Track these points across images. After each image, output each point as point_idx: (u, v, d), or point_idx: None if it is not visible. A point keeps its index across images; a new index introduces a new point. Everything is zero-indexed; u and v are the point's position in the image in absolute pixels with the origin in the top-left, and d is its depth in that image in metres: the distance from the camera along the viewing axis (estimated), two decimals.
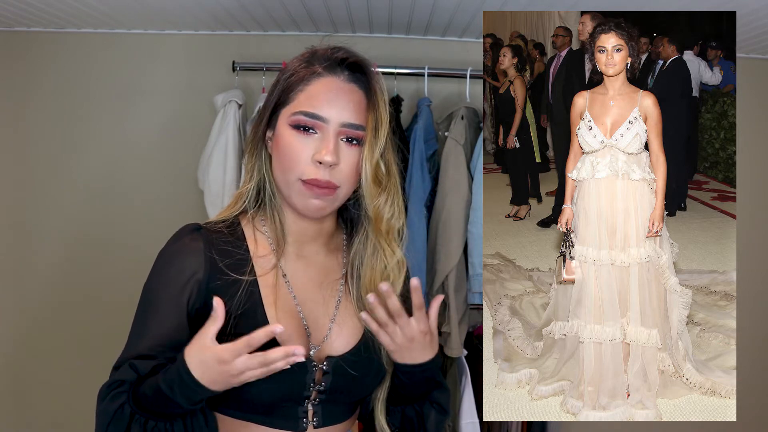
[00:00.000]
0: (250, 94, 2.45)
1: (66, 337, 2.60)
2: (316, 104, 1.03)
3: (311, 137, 1.03)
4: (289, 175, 1.04)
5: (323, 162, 1.01)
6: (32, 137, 2.61)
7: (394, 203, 1.09)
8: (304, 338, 1.07)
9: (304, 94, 1.04)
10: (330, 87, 1.04)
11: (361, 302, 1.12)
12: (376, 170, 1.05)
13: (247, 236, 1.09)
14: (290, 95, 1.05)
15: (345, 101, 1.04)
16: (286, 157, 1.04)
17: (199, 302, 1.02)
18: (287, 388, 1.03)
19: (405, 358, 1.06)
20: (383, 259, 1.11)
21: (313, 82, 1.04)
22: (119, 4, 2.25)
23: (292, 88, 1.05)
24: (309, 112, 1.03)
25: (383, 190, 1.08)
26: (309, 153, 1.02)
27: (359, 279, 1.13)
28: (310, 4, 2.20)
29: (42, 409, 2.61)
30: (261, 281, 1.06)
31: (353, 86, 1.06)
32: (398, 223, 1.11)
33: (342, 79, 1.05)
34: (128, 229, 2.60)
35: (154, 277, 1.05)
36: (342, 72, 1.05)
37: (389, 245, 1.10)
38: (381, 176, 1.07)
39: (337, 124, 1.03)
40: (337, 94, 1.04)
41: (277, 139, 1.06)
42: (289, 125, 1.04)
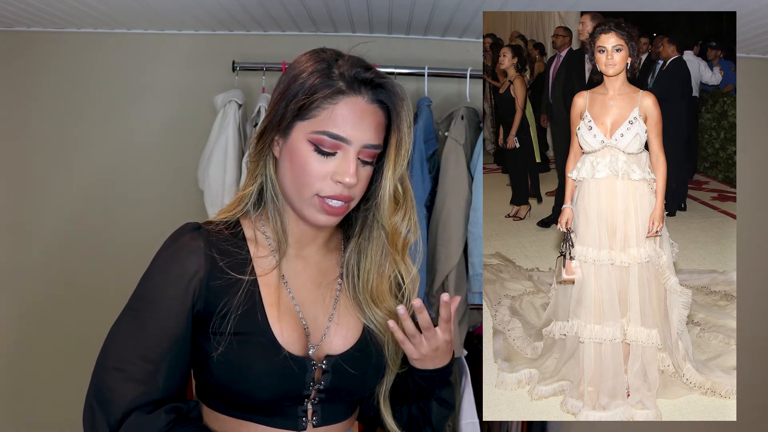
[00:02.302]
0: (250, 94, 2.45)
1: (66, 336, 2.60)
2: (341, 126, 1.01)
3: (331, 158, 1.03)
4: (304, 190, 1.04)
5: (345, 184, 1.02)
6: (32, 137, 2.60)
7: (410, 219, 1.13)
8: (303, 338, 1.07)
9: (328, 112, 1.02)
10: (355, 109, 1.02)
11: (357, 300, 1.13)
12: (395, 188, 1.08)
13: (248, 237, 1.09)
14: (312, 111, 1.02)
15: (368, 123, 1.03)
16: (303, 173, 1.03)
17: (200, 302, 1.03)
18: (287, 387, 1.03)
19: (427, 364, 1.11)
20: (397, 272, 1.15)
21: (337, 101, 1.02)
22: (119, 4, 2.25)
23: (314, 104, 1.02)
24: (334, 134, 1.01)
25: (401, 207, 1.11)
26: (327, 171, 1.03)
27: (356, 278, 1.13)
28: (310, 4, 2.20)
29: (41, 408, 2.61)
30: (261, 281, 1.06)
31: (376, 107, 1.05)
32: (413, 237, 1.15)
33: (366, 100, 1.03)
34: (128, 229, 2.59)
35: (154, 277, 1.04)
36: (367, 92, 1.04)
37: (403, 260, 1.15)
38: (399, 195, 1.10)
39: (359, 146, 1.03)
40: (362, 117, 1.03)
41: (291, 150, 1.04)
42: (309, 141, 1.02)
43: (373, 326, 1.12)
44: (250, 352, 1.01)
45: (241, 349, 1.01)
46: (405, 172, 1.10)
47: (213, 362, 1.01)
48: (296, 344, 1.05)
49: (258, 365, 1.01)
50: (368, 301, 1.12)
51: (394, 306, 1.10)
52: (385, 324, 1.10)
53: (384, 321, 1.11)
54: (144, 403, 0.98)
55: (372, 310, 1.12)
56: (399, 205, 1.10)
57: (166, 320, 1.01)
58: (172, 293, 1.02)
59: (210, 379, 1.03)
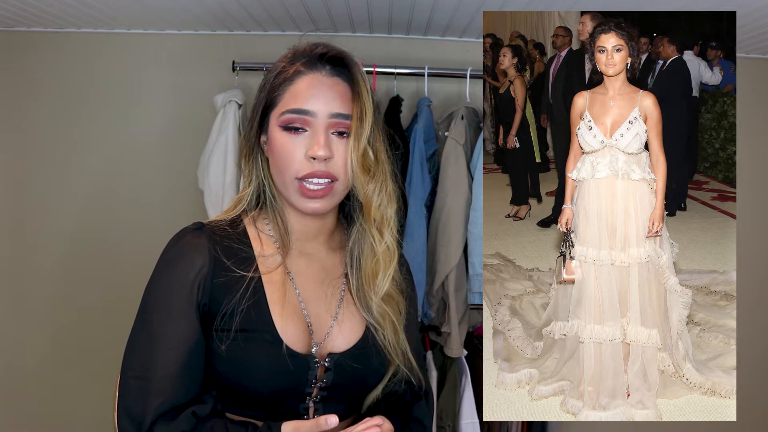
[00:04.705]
0: (250, 94, 2.45)
1: (65, 337, 2.60)
2: (301, 100, 1.04)
3: (302, 135, 1.04)
4: (285, 175, 1.05)
5: (317, 157, 1.02)
6: (32, 137, 2.61)
7: (382, 191, 1.09)
8: (306, 335, 1.07)
9: (289, 93, 1.05)
10: (313, 83, 1.05)
11: (361, 293, 1.12)
12: (364, 158, 1.05)
13: (251, 235, 1.10)
14: (276, 96, 1.06)
15: (330, 94, 1.05)
16: (281, 158, 1.04)
17: (205, 299, 1.03)
18: (289, 385, 1.03)
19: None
20: (374, 246, 1.11)
21: (296, 80, 1.05)
22: (119, 4, 2.25)
23: (277, 89, 1.06)
24: (295, 108, 1.03)
25: (372, 177, 1.08)
26: (302, 151, 1.03)
27: (359, 270, 1.13)
28: (310, 4, 2.20)
29: (41, 408, 2.61)
30: (265, 279, 1.07)
31: (336, 79, 1.06)
32: (388, 210, 1.10)
33: (324, 74, 1.06)
34: (127, 229, 2.60)
35: (161, 280, 1.04)
36: (323, 67, 1.06)
37: (379, 232, 1.11)
38: (369, 164, 1.07)
39: (326, 116, 1.04)
40: (321, 89, 1.05)
41: (271, 142, 1.07)
42: (279, 126, 1.05)
43: (372, 320, 1.12)
44: (253, 348, 1.02)
45: (245, 346, 1.01)
46: (381, 145, 1.09)
47: (216, 359, 1.02)
48: (300, 341, 1.05)
49: (261, 362, 1.01)
50: (366, 282, 1.12)
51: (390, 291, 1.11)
52: (381, 310, 1.10)
53: (379, 307, 1.10)
54: (168, 409, 0.99)
55: (366, 291, 1.11)
56: (370, 175, 1.07)
57: (177, 323, 1.01)
58: (180, 294, 1.02)
59: (213, 375, 1.04)
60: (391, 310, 1.12)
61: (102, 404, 1.87)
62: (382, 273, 1.11)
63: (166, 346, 1.00)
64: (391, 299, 1.12)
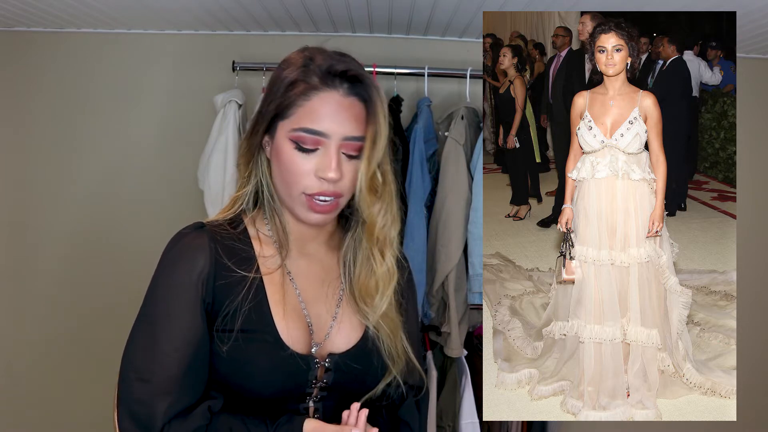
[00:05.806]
0: (250, 94, 2.45)
1: (65, 337, 2.60)
2: (316, 120, 1.01)
3: (313, 154, 1.02)
4: (292, 189, 1.04)
5: (327, 179, 1.01)
6: (32, 137, 2.60)
7: (388, 212, 1.09)
8: (307, 336, 1.07)
9: (304, 109, 1.02)
10: (330, 102, 1.02)
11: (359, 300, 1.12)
12: (372, 180, 1.05)
13: (252, 235, 1.10)
14: (288, 108, 1.03)
15: (346, 116, 1.02)
16: (289, 172, 1.03)
17: (209, 297, 1.03)
18: (290, 385, 1.03)
19: None
20: (374, 266, 1.10)
21: (312, 97, 1.02)
22: (119, 4, 2.25)
23: (291, 102, 1.02)
24: (310, 128, 1.01)
25: (378, 198, 1.07)
26: (311, 168, 1.02)
27: (352, 274, 1.13)
28: (310, 4, 2.20)
29: (41, 408, 2.61)
30: (266, 279, 1.06)
31: (353, 99, 1.04)
32: (392, 232, 1.10)
33: (341, 93, 1.03)
34: (127, 229, 2.60)
35: (163, 280, 1.03)
36: (341, 85, 1.03)
37: (381, 252, 1.10)
38: (377, 185, 1.06)
39: (339, 139, 1.02)
40: (337, 110, 1.02)
41: (276, 150, 1.05)
42: (290, 140, 1.02)
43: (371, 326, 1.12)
44: (254, 349, 1.01)
45: (246, 346, 1.01)
46: (388, 166, 1.08)
47: (217, 359, 1.02)
48: (300, 342, 1.05)
49: (262, 362, 1.01)
50: (361, 298, 1.11)
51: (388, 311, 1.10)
52: (375, 323, 1.10)
53: (377, 323, 1.10)
54: (179, 411, 0.99)
55: (362, 306, 1.11)
56: (377, 196, 1.07)
57: (180, 322, 1.00)
58: (182, 294, 1.01)
59: (213, 375, 1.03)
60: (389, 323, 1.11)
61: (102, 404, 1.86)
62: (380, 294, 1.10)
63: (171, 347, 0.99)
64: (387, 317, 1.11)
